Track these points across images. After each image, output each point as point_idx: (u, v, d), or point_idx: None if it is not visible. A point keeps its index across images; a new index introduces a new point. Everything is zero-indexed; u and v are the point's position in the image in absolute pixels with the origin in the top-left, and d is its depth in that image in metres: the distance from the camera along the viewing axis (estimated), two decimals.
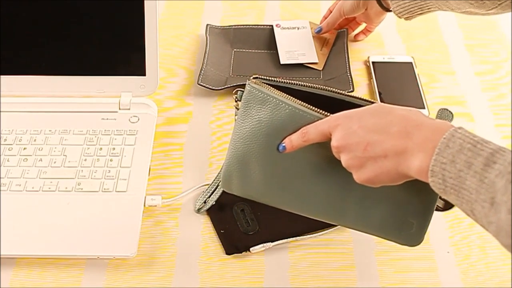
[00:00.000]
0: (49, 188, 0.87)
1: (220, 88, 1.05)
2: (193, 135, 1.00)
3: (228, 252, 0.83)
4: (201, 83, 1.04)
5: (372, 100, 0.76)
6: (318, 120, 0.73)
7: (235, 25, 1.17)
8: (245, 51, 1.14)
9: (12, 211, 0.85)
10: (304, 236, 0.85)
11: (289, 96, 0.74)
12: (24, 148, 0.92)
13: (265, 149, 0.76)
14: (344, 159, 0.71)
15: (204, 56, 1.10)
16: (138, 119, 0.97)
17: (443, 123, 0.67)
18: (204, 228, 0.87)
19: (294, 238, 0.84)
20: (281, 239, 0.84)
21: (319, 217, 0.78)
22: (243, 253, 0.83)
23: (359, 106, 0.74)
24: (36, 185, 0.88)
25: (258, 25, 1.17)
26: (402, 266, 0.83)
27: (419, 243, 0.77)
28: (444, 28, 1.20)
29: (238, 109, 0.78)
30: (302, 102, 0.74)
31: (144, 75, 0.97)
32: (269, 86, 0.76)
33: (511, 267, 0.82)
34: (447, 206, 0.79)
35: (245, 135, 0.76)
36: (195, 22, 1.21)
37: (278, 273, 0.82)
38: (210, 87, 1.04)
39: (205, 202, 0.87)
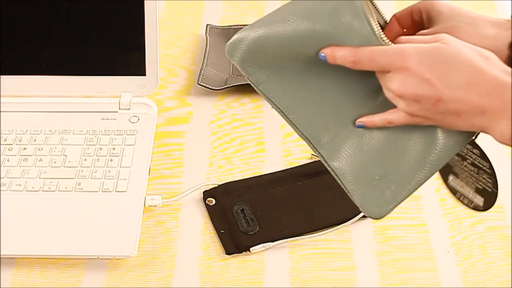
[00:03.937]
0: (49, 188, 0.87)
1: (220, 88, 1.05)
2: (193, 135, 1.00)
3: (228, 252, 0.83)
4: (201, 83, 1.04)
5: None
6: (375, 44, 0.62)
7: (235, 25, 1.17)
8: None
9: (12, 211, 0.85)
10: (304, 236, 0.85)
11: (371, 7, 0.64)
12: (24, 148, 0.92)
13: (302, 42, 0.65)
14: (403, 106, 0.63)
15: (204, 56, 1.10)
16: (138, 119, 0.97)
17: None
18: (204, 228, 0.87)
19: (294, 238, 0.84)
20: (281, 239, 0.84)
21: (307, 126, 0.69)
22: (243, 253, 0.83)
23: None
24: (36, 185, 0.88)
25: None
26: (402, 266, 0.83)
27: (380, 214, 0.68)
28: None
29: None
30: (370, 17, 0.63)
31: (144, 75, 0.97)
32: None
33: (511, 267, 0.82)
34: (489, 203, 0.72)
35: (287, 14, 0.65)
36: (195, 22, 1.21)
37: (278, 273, 0.82)
38: (210, 87, 1.04)
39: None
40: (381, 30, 0.63)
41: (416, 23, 0.71)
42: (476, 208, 0.71)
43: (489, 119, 0.61)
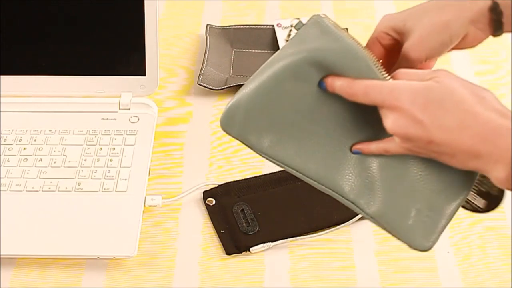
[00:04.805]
0: (49, 188, 0.87)
1: (220, 88, 1.05)
2: (193, 135, 1.00)
3: (228, 252, 0.83)
4: (201, 83, 1.04)
5: None
6: (373, 77, 0.63)
7: (235, 25, 1.17)
8: (245, 51, 1.14)
9: (12, 211, 0.85)
10: (304, 236, 0.85)
11: (353, 37, 0.65)
12: (24, 148, 0.92)
13: (297, 78, 0.65)
14: (398, 142, 0.63)
15: (204, 56, 1.10)
16: (138, 119, 0.97)
17: None
18: (204, 228, 0.87)
19: (294, 238, 0.84)
20: (281, 239, 0.84)
21: (317, 175, 0.69)
22: (243, 253, 0.83)
23: None
24: (36, 185, 0.88)
25: (258, 25, 1.17)
26: (402, 266, 0.83)
27: (426, 246, 0.67)
28: None
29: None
30: (365, 49, 0.64)
31: (144, 75, 0.97)
32: (334, 23, 0.66)
33: (511, 267, 0.82)
34: (491, 205, 0.70)
35: (280, 66, 0.65)
36: (195, 22, 1.21)
37: (278, 273, 0.82)
38: (210, 87, 1.04)
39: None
40: (377, 62, 0.64)
41: (392, 42, 0.71)
42: (476, 209, 0.70)
43: (484, 163, 0.60)
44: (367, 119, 0.66)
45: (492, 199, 0.66)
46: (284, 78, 0.66)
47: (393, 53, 0.72)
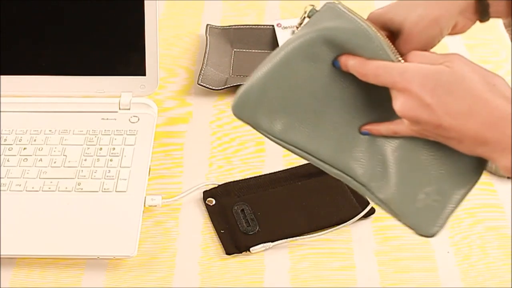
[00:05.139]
0: (49, 188, 0.87)
1: (220, 88, 1.05)
2: (193, 135, 1.00)
3: (228, 252, 0.83)
4: (201, 83, 1.04)
5: None
6: (385, 58, 0.63)
7: (235, 25, 1.17)
8: (246, 51, 1.14)
9: (12, 211, 0.85)
10: (304, 236, 0.85)
11: (367, 21, 0.65)
12: (24, 148, 0.92)
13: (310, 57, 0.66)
14: (407, 124, 0.63)
15: (204, 56, 1.10)
16: (138, 119, 0.97)
17: None
18: (204, 228, 0.87)
19: (294, 238, 0.84)
20: (281, 239, 0.84)
21: (327, 155, 0.68)
22: (243, 253, 0.83)
23: None
24: (36, 185, 0.88)
25: (258, 25, 1.17)
26: (402, 266, 0.83)
27: (431, 232, 0.67)
28: None
29: (297, 28, 0.68)
30: (376, 30, 0.64)
31: (144, 75, 0.97)
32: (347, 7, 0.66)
33: (511, 267, 0.82)
34: None
35: (293, 47, 0.66)
36: (195, 22, 1.21)
37: (278, 273, 0.82)
38: (210, 87, 1.04)
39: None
40: (390, 43, 0.64)
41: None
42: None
43: (491, 150, 0.60)
44: (379, 100, 0.66)
45: None
46: (297, 58, 0.66)
47: None
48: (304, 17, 0.67)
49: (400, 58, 0.64)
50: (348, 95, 0.67)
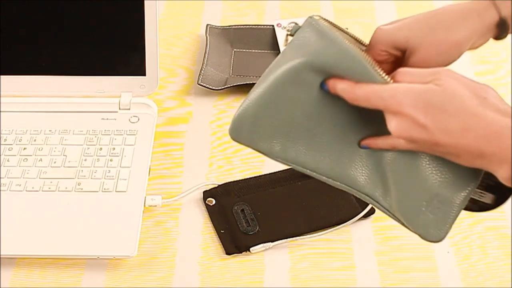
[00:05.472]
0: (49, 188, 0.87)
1: (220, 88, 1.05)
2: (193, 135, 1.00)
3: (228, 252, 0.83)
4: (201, 83, 1.04)
5: None
6: (372, 80, 0.63)
7: (235, 25, 1.17)
8: (245, 51, 1.14)
9: (12, 211, 0.85)
10: (304, 236, 0.85)
11: (348, 41, 0.64)
12: (24, 148, 0.92)
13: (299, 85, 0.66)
14: (403, 143, 0.63)
15: (204, 56, 1.10)
16: (138, 119, 0.97)
17: None
18: (204, 228, 0.87)
19: (294, 238, 0.84)
20: (281, 239, 0.84)
21: (330, 171, 0.70)
22: (243, 253, 0.83)
23: None
24: (36, 185, 0.88)
25: (258, 25, 1.17)
26: (402, 266, 0.83)
27: (439, 237, 0.68)
28: None
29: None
30: (361, 52, 0.64)
31: (144, 75, 0.97)
32: (329, 24, 0.66)
33: (511, 267, 0.82)
34: (500, 200, 0.69)
35: (279, 74, 0.66)
36: (195, 22, 1.21)
37: (278, 273, 0.82)
38: (210, 87, 1.04)
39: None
40: (375, 64, 0.63)
41: (387, 58, 0.70)
42: (483, 208, 0.69)
43: (488, 163, 0.60)
44: (373, 115, 0.66)
45: (501, 193, 0.66)
46: (285, 84, 0.66)
47: (387, 65, 0.71)
48: (288, 35, 0.68)
49: (388, 78, 0.64)
50: (341, 114, 0.68)
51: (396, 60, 0.71)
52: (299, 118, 0.68)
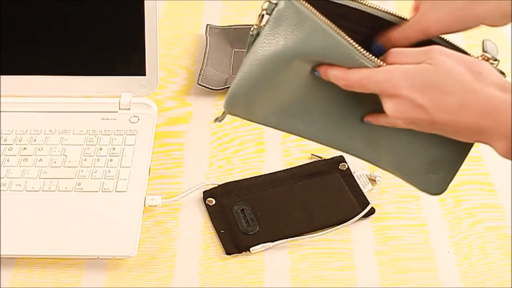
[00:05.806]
0: (49, 188, 0.87)
1: (220, 88, 1.05)
2: (193, 135, 1.00)
3: (228, 252, 0.83)
4: (201, 83, 1.04)
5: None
6: (364, 65, 0.62)
7: (235, 25, 1.17)
8: (245, 51, 1.13)
9: (12, 211, 0.85)
10: (304, 236, 0.85)
11: (332, 24, 0.62)
12: (24, 148, 0.92)
13: (284, 74, 0.65)
14: (402, 124, 0.64)
15: (204, 56, 1.10)
16: (138, 119, 0.97)
17: None
18: (204, 228, 0.87)
19: (294, 238, 0.84)
20: (281, 239, 0.84)
21: (330, 138, 0.71)
22: (243, 253, 0.83)
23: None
24: (36, 185, 0.88)
25: None
26: (402, 266, 0.83)
27: (441, 192, 0.70)
28: None
29: (257, 26, 0.67)
30: (346, 36, 0.62)
31: (144, 75, 0.97)
32: (309, 5, 0.63)
33: (511, 267, 0.82)
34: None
35: (265, 58, 0.65)
36: (195, 22, 1.21)
37: (278, 273, 0.82)
38: (210, 87, 1.04)
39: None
40: (360, 48, 0.63)
41: None
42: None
43: (487, 138, 0.61)
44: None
45: None
46: (273, 68, 0.65)
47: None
48: (263, 14, 0.66)
49: (380, 62, 0.63)
50: (333, 92, 0.67)
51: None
52: (293, 98, 0.68)
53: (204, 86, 1.04)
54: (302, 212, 0.87)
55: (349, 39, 0.63)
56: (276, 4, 0.65)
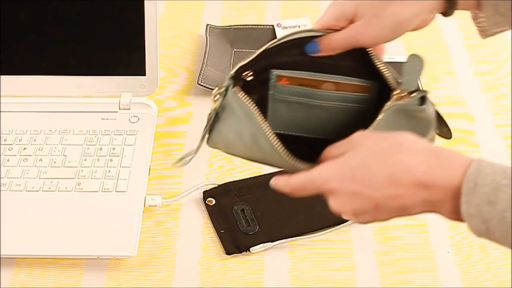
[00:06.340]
0: (49, 188, 0.87)
1: None
2: (193, 135, 0.99)
3: (228, 252, 0.83)
4: (201, 83, 1.04)
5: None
6: (300, 167, 0.66)
7: (235, 25, 1.17)
8: (245, 51, 1.14)
9: (12, 211, 0.85)
10: (304, 236, 0.85)
11: (269, 129, 0.67)
12: (24, 148, 0.92)
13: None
14: (352, 219, 0.65)
15: (204, 56, 1.10)
16: (138, 119, 0.97)
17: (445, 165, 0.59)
18: (204, 228, 0.87)
19: (294, 238, 0.84)
20: (281, 239, 0.84)
21: None
22: (243, 253, 0.83)
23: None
24: (36, 185, 0.88)
25: (258, 25, 1.17)
26: (402, 266, 0.83)
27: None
28: (444, 28, 1.20)
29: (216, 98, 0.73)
30: (279, 143, 0.67)
31: (144, 75, 0.97)
32: (252, 103, 0.68)
33: (511, 267, 0.82)
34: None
35: (229, 134, 0.72)
36: (195, 22, 1.21)
37: (278, 273, 0.82)
38: (210, 87, 1.04)
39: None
40: (281, 145, 0.66)
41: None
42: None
43: (431, 206, 0.60)
44: None
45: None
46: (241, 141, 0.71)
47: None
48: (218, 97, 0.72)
49: (303, 166, 0.66)
50: None
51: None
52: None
53: (204, 86, 1.04)
54: (302, 212, 0.87)
55: (282, 147, 0.66)
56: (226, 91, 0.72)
